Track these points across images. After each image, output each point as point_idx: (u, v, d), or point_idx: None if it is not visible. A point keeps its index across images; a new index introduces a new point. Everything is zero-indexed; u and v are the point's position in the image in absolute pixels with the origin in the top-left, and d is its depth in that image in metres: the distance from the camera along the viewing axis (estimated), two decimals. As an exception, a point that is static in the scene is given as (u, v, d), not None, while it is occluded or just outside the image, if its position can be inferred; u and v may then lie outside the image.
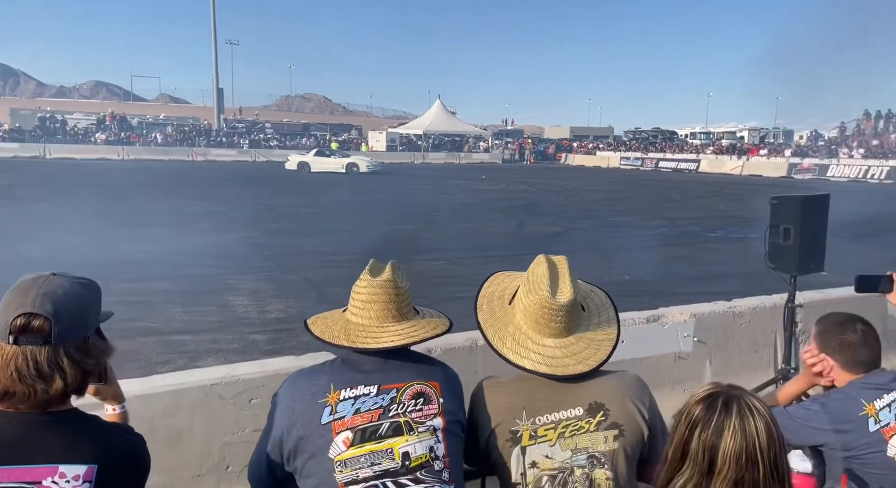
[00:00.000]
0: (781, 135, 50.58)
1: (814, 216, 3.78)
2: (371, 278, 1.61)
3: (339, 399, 1.50)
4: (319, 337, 1.60)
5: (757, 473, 1.07)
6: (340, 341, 1.56)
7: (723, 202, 20.96)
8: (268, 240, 12.15)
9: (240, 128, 54.78)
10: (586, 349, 1.56)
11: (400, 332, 1.57)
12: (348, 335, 1.57)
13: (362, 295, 1.61)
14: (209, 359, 5.55)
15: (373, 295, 1.60)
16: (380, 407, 1.50)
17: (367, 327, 1.59)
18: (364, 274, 1.64)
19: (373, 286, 1.60)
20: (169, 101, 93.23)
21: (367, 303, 1.60)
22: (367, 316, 1.60)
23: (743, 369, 4.48)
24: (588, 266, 10.27)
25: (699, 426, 1.13)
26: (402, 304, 1.62)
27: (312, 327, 1.65)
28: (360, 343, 1.55)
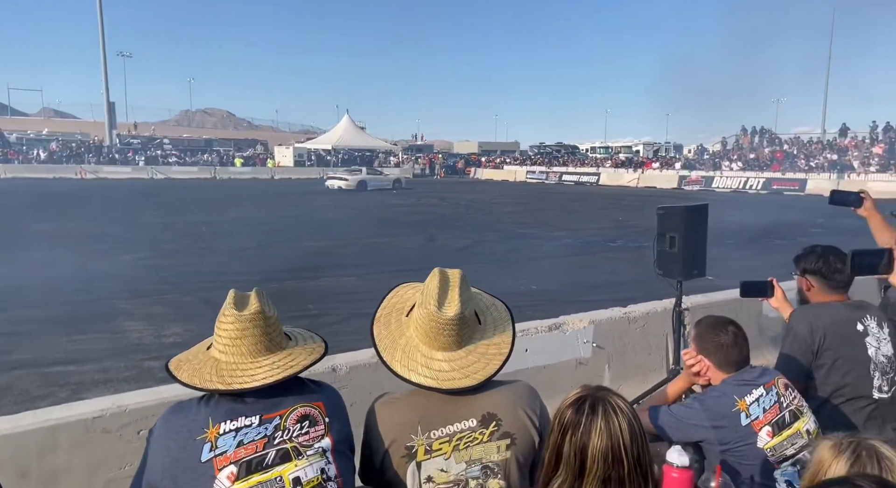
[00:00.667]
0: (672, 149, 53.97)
1: (695, 224, 4.05)
2: (237, 312, 1.50)
3: (219, 433, 1.42)
4: (188, 383, 1.47)
5: (622, 470, 1.11)
6: (214, 385, 1.46)
7: (621, 213, 22.10)
8: (164, 260, 11.51)
9: (134, 145, 51.74)
10: (476, 363, 1.57)
11: (276, 365, 1.50)
12: (221, 376, 1.47)
13: (230, 331, 1.50)
14: (97, 390, 5.15)
15: (241, 330, 1.50)
16: (264, 437, 1.43)
17: (239, 364, 1.49)
18: (227, 307, 1.51)
19: (241, 320, 1.50)
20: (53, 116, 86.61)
21: (237, 339, 1.50)
22: (238, 352, 1.50)
23: (638, 371, 4.70)
24: (496, 277, 10.48)
25: (570, 430, 1.16)
26: (274, 334, 1.54)
27: (178, 372, 1.51)
28: (237, 384, 1.46)
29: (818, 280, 2.45)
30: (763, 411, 1.93)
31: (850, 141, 37.28)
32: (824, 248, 2.49)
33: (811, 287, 2.48)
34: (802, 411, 2.00)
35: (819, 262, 2.43)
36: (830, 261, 2.40)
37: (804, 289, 2.52)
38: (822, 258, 2.44)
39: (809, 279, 2.48)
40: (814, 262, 2.45)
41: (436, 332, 1.55)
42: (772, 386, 1.98)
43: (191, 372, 1.50)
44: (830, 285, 2.41)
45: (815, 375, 2.32)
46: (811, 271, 2.47)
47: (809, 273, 2.48)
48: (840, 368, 2.28)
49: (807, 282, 2.49)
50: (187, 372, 1.50)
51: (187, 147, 55.68)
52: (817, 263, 2.44)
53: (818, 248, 2.49)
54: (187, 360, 1.55)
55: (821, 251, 2.46)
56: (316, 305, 8.06)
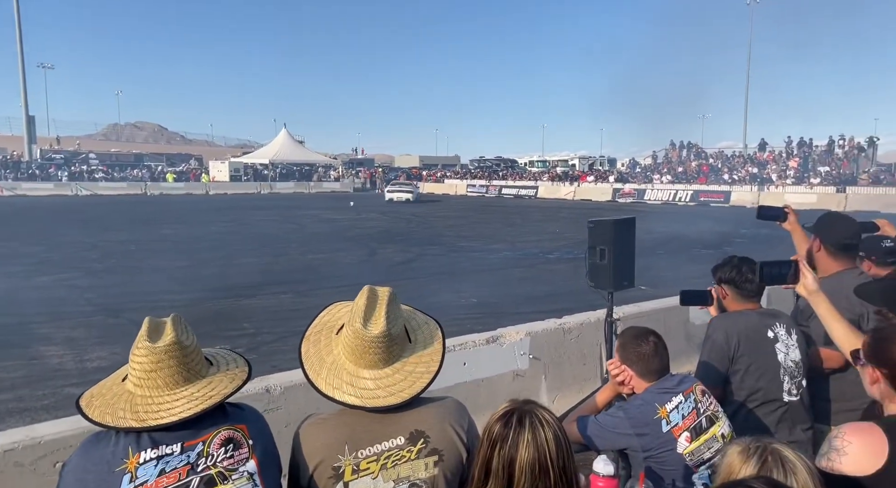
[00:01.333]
0: (607, 162, 55.73)
1: (624, 237, 4.19)
2: (151, 344, 1.42)
3: (139, 462, 1.36)
4: (100, 422, 1.39)
5: (549, 481, 1.14)
6: (128, 423, 1.38)
7: (558, 225, 22.63)
8: (89, 281, 10.96)
9: (57, 160, 49.20)
10: (403, 381, 1.57)
11: (195, 397, 1.44)
12: (136, 412, 1.39)
13: (144, 363, 1.42)
14: (11, 420, 4.83)
15: (156, 362, 1.42)
16: (187, 464, 1.38)
17: (155, 398, 1.42)
18: (140, 338, 1.43)
19: (155, 352, 1.42)
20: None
21: (152, 372, 1.42)
22: (154, 385, 1.43)
23: (574, 381, 4.81)
24: (438, 291, 10.52)
25: (499, 443, 1.18)
26: (192, 363, 1.48)
27: (88, 409, 1.42)
28: (152, 420, 1.39)
29: (731, 289, 2.59)
30: (682, 417, 2.01)
31: (769, 155, 39.59)
32: (739, 259, 2.63)
33: (726, 295, 2.63)
34: (718, 416, 2.10)
35: (732, 272, 2.58)
36: (742, 271, 2.55)
37: (721, 298, 2.67)
38: (735, 268, 2.58)
39: (724, 288, 2.63)
40: (728, 272, 2.60)
41: (362, 350, 1.55)
42: (690, 392, 2.07)
43: (103, 409, 1.41)
44: (742, 294, 2.56)
45: (732, 380, 2.44)
46: (725, 281, 2.61)
47: (724, 282, 2.62)
48: (753, 373, 2.42)
49: (722, 290, 2.64)
50: (99, 409, 1.41)
51: (115, 162, 53.46)
52: (731, 273, 2.58)
53: (734, 259, 2.64)
54: (100, 395, 1.46)
55: (735, 262, 2.61)
56: (252, 324, 7.86)
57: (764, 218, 3.09)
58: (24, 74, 49.33)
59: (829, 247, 2.72)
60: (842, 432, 1.47)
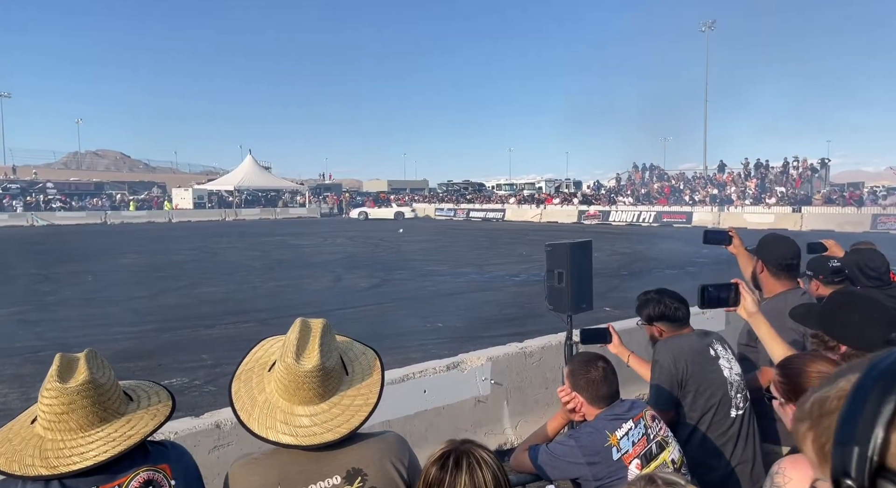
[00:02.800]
0: (573, 184, 56.61)
1: (580, 260, 4.21)
2: (62, 384, 1.33)
3: None
4: (6, 471, 1.29)
5: None
6: (37, 470, 1.28)
7: (525, 247, 22.76)
8: (41, 314, 10.55)
9: (13, 190, 47.78)
10: (339, 416, 1.50)
11: (113, 438, 1.36)
12: (46, 459, 1.30)
13: (54, 406, 1.33)
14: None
15: (68, 404, 1.33)
16: None
17: (67, 441, 1.33)
18: (50, 379, 1.34)
19: (66, 393, 1.32)
20: (-85, 158, 78.63)
21: (62, 415, 1.33)
22: (66, 428, 1.33)
23: (536, 406, 4.77)
24: (404, 316, 10.41)
25: (435, 487, 1.13)
26: (109, 402, 1.39)
27: None
28: (64, 467, 1.29)
29: (665, 323, 2.58)
30: (632, 444, 1.98)
31: (728, 176, 40.73)
32: (657, 293, 2.64)
33: (662, 331, 2.61)
34: (668, 441, 2.07)
35: (660, 307, 2.57)
36: (667, 302, 2.55)
37: (657, 335, 2.63)
38: (659, 303, 2.57)
39: (658, 325, 2.61)
40: (655, 308, 2.58)
41: (295, 386, 1.48)
42: (640, 418, 2.05)
43: (9, 457, 1.31)
44: (677, 324, 2.56)
45: (683, 403, 2.43)
46: (657, 317, 2.60)
47: (656, 319, 2.60)
48: (703, 393, 2.41)
49: (657, 328, 2.62)
50: (5, 457, 1.31)
51: (75, 191, 52.09)
52: (658, 308, 2.57)
53: (652, 295, 2.63)
54: (6, 440, 1.36)
55: (656, 297, 2.61)
56: (211, 355, 7.64)
57: (710, 242, 3.13)
58: (-22, 102, 48.08)
59: (772, 267, 2.75)
60: (782, 467, 1.46)
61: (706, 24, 52.43)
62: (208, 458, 3.27)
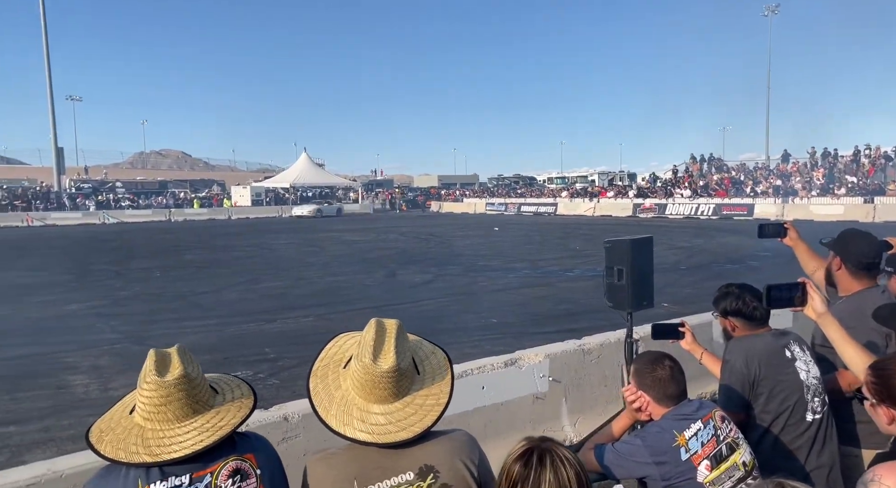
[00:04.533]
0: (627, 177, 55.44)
1: (641, 257, 4.14)
2: (160, 378, 1.43)
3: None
4: (113, 458, 1.40)
5: None
6: (141, 458, 1.40)
7: (578, 242, 22.48)
8: (116, 309, 11.14)
9: (85, 189, 50.43)
10: (413, 415, 1.55)
11: (206, 429, 1.46)
12: (148, 447, 1.41)
13: (153, 398, 1.43)
14: (37, 451, 4.89)
15: (165, 396, 1.44)
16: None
17: (166, 431, 1.44)
18: (149, 373, 1.44)
19: (164, 387, 1.43)
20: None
21: (161, 406, 1.44)
22: (164, 419, 1.44)
23: (596, 403, 4.74)
24: (457, 311, 10.48)
25: (519, 484, 1.16)
26: (200, 394, 1.50)
27: (99, 444, 1.43)
28: (165, 454, 1.41)
29: (740, 320, 2.52)
30: (701, 445, 1.96)
31: (793, 166, 39.03)
32: (739, 288, 2.56)
33: (735, 327, 2.55)
34: (738, 443, 2.04)
35: (737, 303, 2.50)
36: (747, 300, 2.48)
37: (730, 330, 2.58)
38: (737, 298, 2.50)
39: (732, 320, 2.55)
40: (732, 304, 2.52)
41: (371, 385, 1.54)
42: (709, 419, 2.02)
43: (115, 445, 1.42)
44: (752, 323, 2.50)
45: (755, 405, 2.38)
46: (732, 312, 2.53)
47: (731, 314, 2.54)
48: (777, 396, 2.34)
49: (730, 322, 2.56)
50: (111, 445, 1.43)
51: (141, 190, 54.60)
52: (735, 304, 2.50)
53: (733, 289, 2.57)
54: (109, 429, 1.47)
55: (736, 291, 2.54)
56: (273, 349, 7.89)
57: (765, 236, 3.01)
58: (52, 107, 50.94)
59: (851, 266, 2.65)
60: (876, 475, 1.40)
61: (770, 9, 50.31)
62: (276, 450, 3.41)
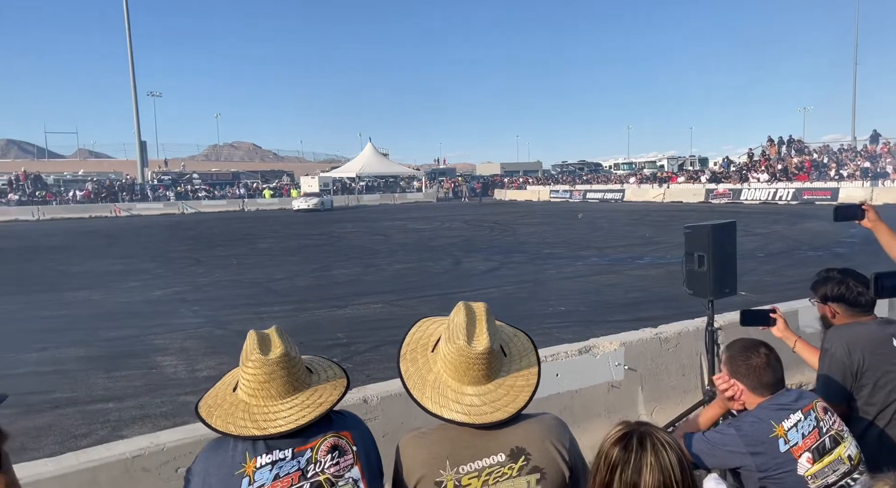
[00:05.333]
0: (697, 162, 53.41)
1: (724, 242, 3.99)
2: (263, 356, 1.52)
3: (256, 467, 1.45)
4: (225, 431, 1.50)
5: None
6: (250, 431, 1.49)
7: (648, 229, 21.85)
8: (197, 294, 11.72)
9: (165, 181, 53.16)
10: (505, 396, 1.57)
11: (307, 405, 1.53)
12: (255, 421, 1.50)
13: (258, 375, 1.52)
14: (135, 426, 5.24)
15: (269, 373, 1.51)
16: (298, 470, 1.47)
17: (270, 407, 1.53)
18: (253, 352, 1.53)
19: (268, 364, 1.51)
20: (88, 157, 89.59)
21: (265, 383, 1.52)
22: (268, 395, 1.53)
23: (672, 392, 4.62)
24: (524, 299, 10.44)
25: (619, 467, 1.15)
26: (299, 373, 1.57)
27: (210, 418, 1.54)
28: (272, 428, 1.49)
29: (842, 306, 2.38)
30: (802, 437, 1.88)
31: (883, 147, 36.43)
32: (842, 273, 2.42)
33: (836, 313, 2.41)
34: (843, 436, 1.94)
35: (840, 288, 2.37)
36: (851, 285, 2.34)
37: (829, 317, 2.44)
38: (842, 284, 2.37)
39: (832, 306, 2.41)
40: (834, 289, 2.38)
41: (466, 367, 1.56)
42: (810, 410, 1.93)
43: (224, 419, 1.52)
44: (856, 310, 2.35)
45: (857, 397, 2.25)
46: (833, 298, 2.40)
47: (832, 300, 2.41)
48: (884, 387, 2.21)
49: (830, 309, 2.42)
50: (221, 420, 1.53)
51: (216, 181, 56.99)
52: (838, 289, 2.37)
53: (835, 274, 2.42)
54: (217, 405, 1.57)
55: (839, 276, 2.40)
56: (345, 334, 8.11)
57: (841, 219, 2.80)
58: (136, 103, 53.82)
59: None
60: None
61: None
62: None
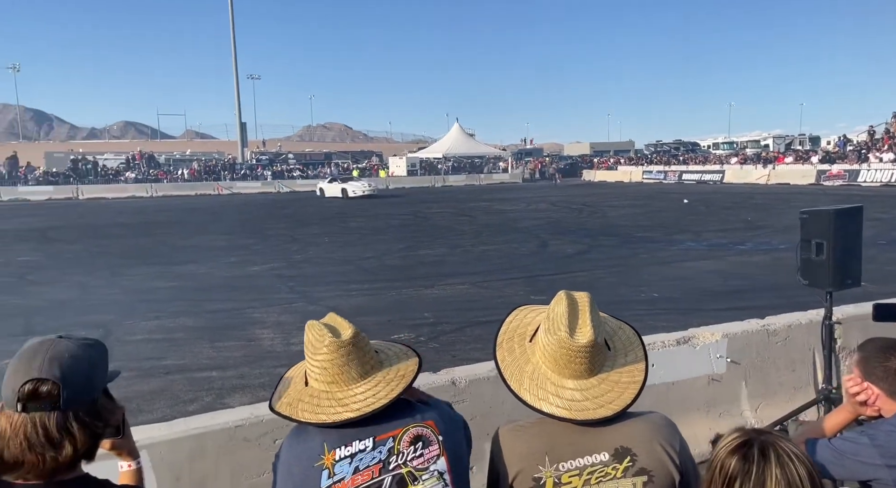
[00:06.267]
0: (808, 141, 49.66)
1: (847, 229, 3.63)
2: (337, 339, 1.48)
3: (335, 459, 1.42)
4: (316, 422, 1.45)
5: None
6: (343, 415, 1.44)
7: (750, 213, 20.55)
8: (292, 271, 12.24)
9: (263, 160, 55.77)
10: (610, 392, 1.47)
11: (389, 379, 1.50)
12: (345, 406, 1.46)
13: (336, 359, 1.47)
14: (236, 395, 5.54)
15: (346, 356, 1.48)
16: (379, 462, 1.42)
17: (353, 389, 1.49)
18: (324, 336, 1.49)
19: (344, 345, 1.48)
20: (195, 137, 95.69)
21: (343, 366, 1.48)
22: (348, 378, 1.49)
23: (780, 389, 4.31)
24: (614, 284, 10.12)
25: (738, 480, 1.04)
26: (371, 353, 1.54)
27: (295, 413, 1.49)
28: (365, 407, 1.45)
29: None
30: (949, 452, 1.66)
31: None
32: None
33: None
34: None
35: None
36: None
37: None
38: None
39: None
40: None
41: (567, 360, 1.47)
42: (959, 422, 1.71)
43: (312, 412, 1.48)
44: None
45: None
46: None
47: None
48: None
49: None
50: (307, 413, 1.49)
51: (309, 161, 59.16)
52: None
53: None
54: (297, 400, 1.53)
55: None
56: (432, 314, 8.18)
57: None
58: (238, 86, 56.66)
59: None
60: None
61: None
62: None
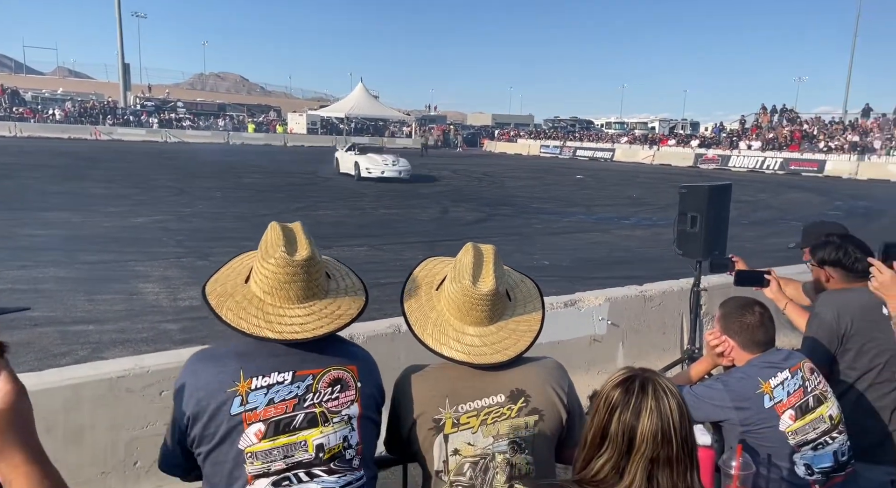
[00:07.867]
0: (689, 126, 53.16)
1: (718, 205, 3.99)
2: (288, 256, 1.39)
3: (250, 388, 1.38)
4: (234, 326, 1.40)
5: (670, 450, 1.12)
6: (263, 332, 1.39)
7: (636, 190, 21.90)
8: (180, 224, 11.59)
9: (149, 107, 51.63)
10: (507, 339, 1.56)
11: (325, 314, 1.44)
12: (270, 323, 1.41)
13: (279, 274, 1.39)
14: (115, 349, 5.24)
15: (291, 275, 1.39)
16: (295, 397, 1.41)
17: (286, 309, 1.42)
18: (276, 246, 1.40)
19: (292, 265, 1.39)
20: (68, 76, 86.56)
21: (286, 284, 1.40)
22: (285, 297, 1.41)
23: (652, 350, 4.72)
24: (510, 251, 10.47)
25: (618, 409, 1.16)
26: (320, 279, 1.47)
27: (220, 309, 1.41)
28: (289, 334, 1.39)
29: (837, 271, 2.40)
30: (787, 394, 1.92)
31: (874, 122, 36.51)
32: (841, 237, 2.44)
33: (830, 277, 2.43)
34: (826, 396, 1.99)
35: (838, 253, 2.39)
36: (849, 250, 2.36)
37: (823, 280, 2.47)
38: (839, 248, 2.39)
39: (828, 270, 2.43)
40: (832, 253, 2.40)
41: (469, 307, 1.55)
42: (797, 369, 1.97)
43: (236, 312, 1.41)
44: (851, 275, 2.37)
45: (840, 360, 2.30)
46: (830, 262, 2.42)
47: (828, 264, 2.43)
48: (867, 352, 2.26)
49: (825, 273, 2.45)
50: (232, 312, 1.41)
51: (200, 111, 55.46)
52: (836, 254, 2.39)
53: (834, 238, 2.44)
54: (228, 294, 1.45)
55: (838, 241, 2.42)
56: (329, 273, 8.10)
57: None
58: (120, 23, 51.70)
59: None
60: None
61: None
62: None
